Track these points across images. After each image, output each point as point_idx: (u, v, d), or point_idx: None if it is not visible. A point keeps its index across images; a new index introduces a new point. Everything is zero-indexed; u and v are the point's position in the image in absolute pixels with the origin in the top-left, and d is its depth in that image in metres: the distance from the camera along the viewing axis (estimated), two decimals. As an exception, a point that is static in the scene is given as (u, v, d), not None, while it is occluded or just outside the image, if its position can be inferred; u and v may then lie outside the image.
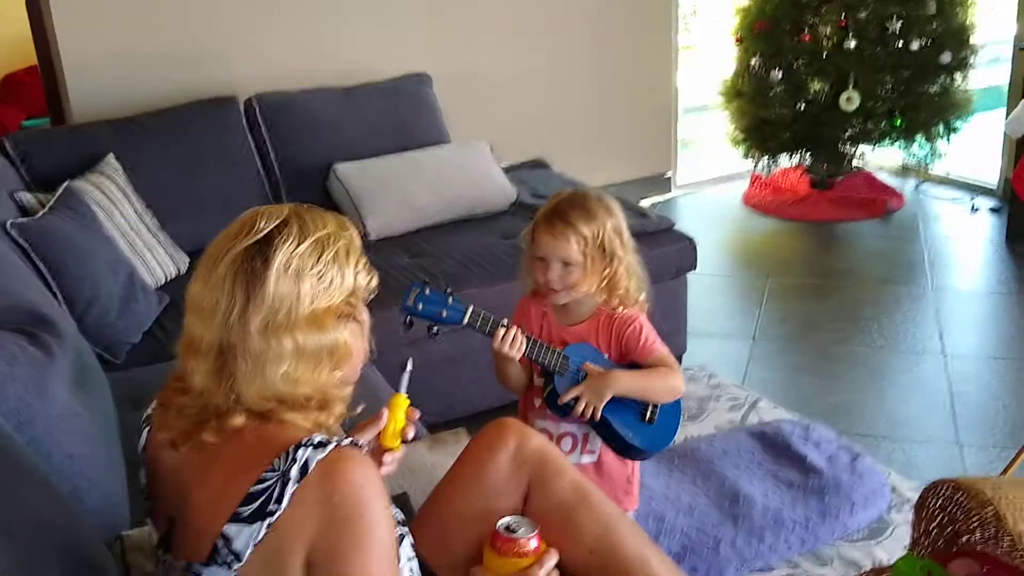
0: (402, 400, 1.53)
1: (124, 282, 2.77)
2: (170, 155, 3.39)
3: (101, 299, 2.67)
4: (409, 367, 1.56)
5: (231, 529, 1.18)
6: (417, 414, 1.56)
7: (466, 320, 1.95)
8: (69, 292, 2.62)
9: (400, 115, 3.84)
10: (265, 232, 1.22)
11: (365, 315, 1.34)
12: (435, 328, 1.96)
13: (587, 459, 2.14)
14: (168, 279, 3.10)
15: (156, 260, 3.07)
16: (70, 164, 3.18)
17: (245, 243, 1.21)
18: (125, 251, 2.92)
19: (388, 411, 1.51)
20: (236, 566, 1.17)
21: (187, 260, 3.21)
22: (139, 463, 1.41)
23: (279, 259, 1.20)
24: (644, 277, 2.15)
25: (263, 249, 1.21)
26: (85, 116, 3.64)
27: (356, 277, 1.28)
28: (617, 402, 2.05)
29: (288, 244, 1.21)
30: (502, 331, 1.97)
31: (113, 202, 3.05)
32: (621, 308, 2.11)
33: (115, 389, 2.23)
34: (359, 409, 1.37)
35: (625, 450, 2.11)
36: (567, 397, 2.03)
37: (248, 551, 1.17)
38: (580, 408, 2.02)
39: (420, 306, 1.92)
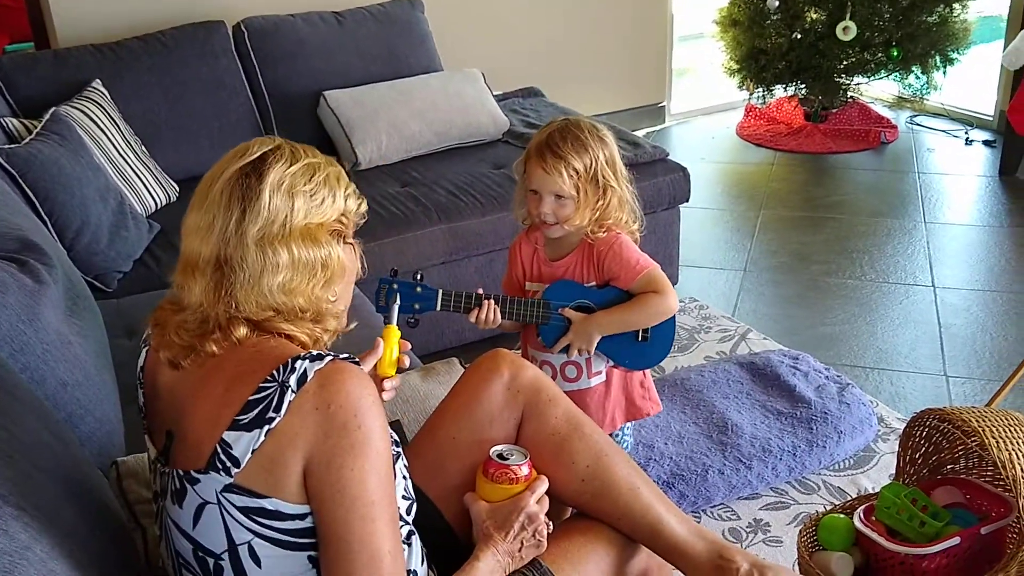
0: (394, 331, 1.56)
1: (114, 210, 2.76)
2: (157, 81, 3.34)
3: (91, 227, 2.65)
4: (398, 300, 1.60)
5: (230, 436, 1.20)
6: (408, 345, 1.58)
7: (439, 306, 2.00)
8: (59, 220, 2.60)
9: (391, 41, 3.79)
10: (259, 154, 1.28)
11: (354, 239, 1.39)
12: (414, 319, 1.99)
13: (596, 381, 2.17)
14: (158, 207, 3.08)
15: (146, 188, 3.05)
16: (55, 90, 3.14)
17: (239, 163, 1.27)
18: (114, 178, 2.89)
19: (381, 340, 1.53)
20: (234, 471, 1.20)
21: (177, 188, 3.19)
22: (133, 390, 1.43)
23: (273, 176, 1.26)
24: (638, 207, 2.14)
25: (257, 168, 1.27)
26: (70, 41, 3.58)
27: (347, 200, 1.34)
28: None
29: (281, 164, 1.28)
30: (475, 311, 2.01)
31: (101, 128, 3.01)
32: (603, 233, 2.09)
33: (106, 317, 2.23)
34: (352, 326, 1.41)
35: (626, 368, 2.17)
36: (557, 349, 2.09)
37: (247, 457, 1.20)
38: (574, 354, 2.09)
39: (393, 304, 1.81)
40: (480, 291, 2.04)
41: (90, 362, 1.83)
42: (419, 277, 1.99)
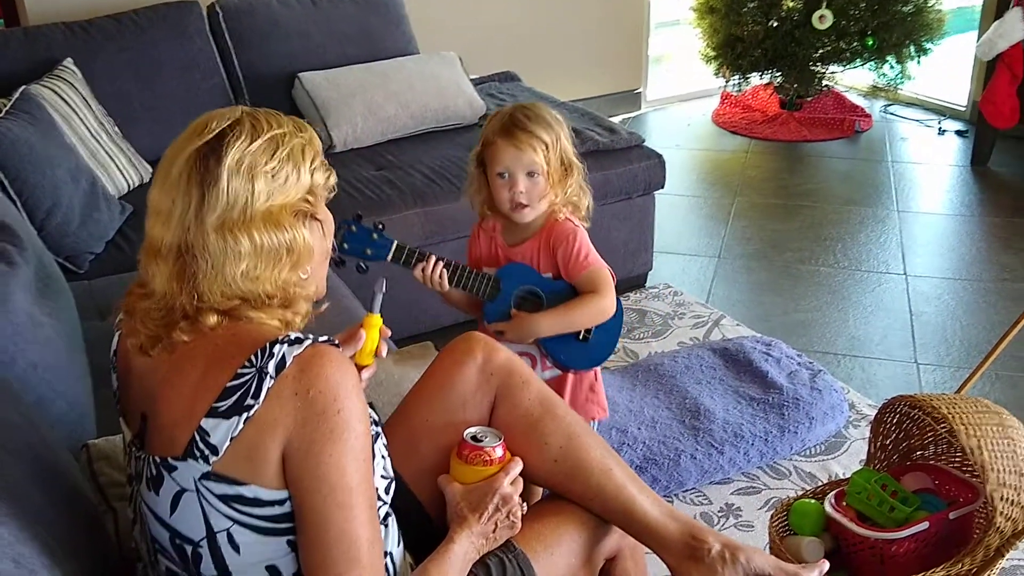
0: (376, 320, 1.54)
1: (86, 190, 2.72)
2: (130, 61, 3.30)
3: (62, 208, 2.62)
4: (383, 289, 1.58)
5: (208, 423, 1.18)
6: (388, 332, 1.57)
7: (390, 256, 1.99)
8: (29, 200, 2.57)
9: (367, 23, 3.76)
10: (216, 131, 1.23)
11: (325, 214, 1.34)
12: (364, 264, 2.00)
13: (549, 374, 2.15)
14: (130, 188, 3.05)
15: (118, 168, 3.02)
16: (25, 68, 3.09)
17: (197, 143, 1.22)
18: (86, 159, 2.86)
19: (364, 331, 1.52)
20: (212, 459, 1.19)
21: (149, 169, 3.16)
22: (104, 372, 1.41)
23: (231, 157, 1.21)
24: (591, 195, 2.15)
25: (215, 148, 1.21)
26: (40, 18, 3.53)
27: (313, 175, 1.28)
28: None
29: (240, 142, 1.22)
30: (421, 265, 2.00)
31: (72, 108, 2.97)
32: (568, 214, 2.09)
33: (78, 299, 2.20)
34: (323, 307, 1.38)
35: (563, 367, 2.13)
36: (492, 328, 2.06)
37: (225, 445, 1.18)
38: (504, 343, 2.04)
39: (346, 245, 1.96)
40: (429, 254, 2.04)
41: (61, 344, 1.81)
42: (380, 227, 1.99)
